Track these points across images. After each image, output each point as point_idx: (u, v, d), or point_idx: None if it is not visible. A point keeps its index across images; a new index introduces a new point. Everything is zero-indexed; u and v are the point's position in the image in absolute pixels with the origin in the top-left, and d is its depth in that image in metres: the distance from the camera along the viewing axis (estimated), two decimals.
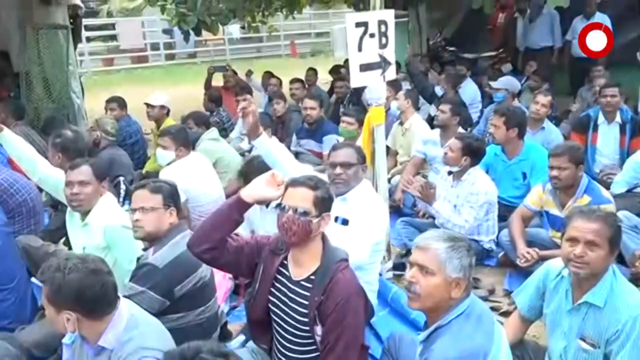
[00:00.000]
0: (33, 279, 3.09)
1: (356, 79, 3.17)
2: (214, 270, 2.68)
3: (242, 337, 2.94)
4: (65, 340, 2.07)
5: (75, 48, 7.13)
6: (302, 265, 2.20)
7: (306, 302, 2.14)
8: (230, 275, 3.41)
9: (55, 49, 6.39)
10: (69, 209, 3.11)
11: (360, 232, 2.75)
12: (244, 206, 2.18)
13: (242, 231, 3.27)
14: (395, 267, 3.61)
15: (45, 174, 3.32)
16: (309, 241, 2.16)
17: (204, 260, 2.34)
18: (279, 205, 2.19)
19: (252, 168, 3.41)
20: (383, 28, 3.14)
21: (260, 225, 3.54)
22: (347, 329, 2.08)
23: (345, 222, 2.35)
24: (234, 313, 3.38)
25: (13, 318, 2.93)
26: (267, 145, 3.01)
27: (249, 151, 5.40)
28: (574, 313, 2.19)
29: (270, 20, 11.00)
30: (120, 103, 5.83)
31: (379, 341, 2.93)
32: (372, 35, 3.14)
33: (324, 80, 8.98)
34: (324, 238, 2.22)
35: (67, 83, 6.52)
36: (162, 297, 2.43)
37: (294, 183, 2.18)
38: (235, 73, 8.20)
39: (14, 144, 3.27)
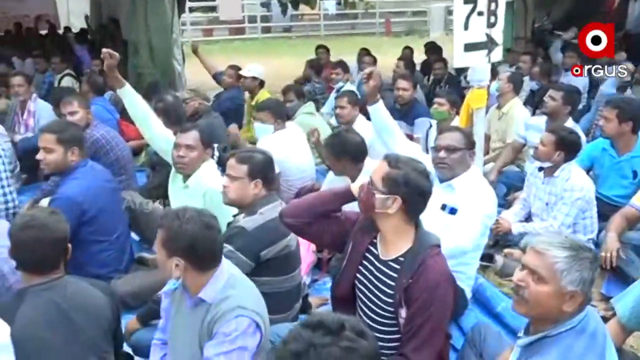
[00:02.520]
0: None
1: (459, 59, 3.04)
2: (300, 241, 2.72)
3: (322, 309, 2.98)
4: (165, 288, 2.19)
5: (179, 17, 7.43)
6: (391, 245, 2.15)
7: (393, 283, 2.10)
8: (314, 249, 3.44)
9: (161, 17, 6.69)
10: (173, 169, 3.26)
11: (466, 220, 2.66)
12: (350, 200, 2.24)
13: None
14: (482, 257, 3.47)
15: (156, 132, 3.44)
16: (383, 217, 2.10)
17: (292, 229, 2.39)
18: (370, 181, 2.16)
19: (338, 141, 3.38)
20: (493, 6, 2.98)
21: None
22: (433, 315, 2.02)
23: (453, 211, 2.26)
24: (315, 286, 3.42)
25: (112, 268, 3.13)
26: (382, 113, 3.08)
27: (337, 128, 5.39)
28: None
29: None
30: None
31: (460, 332, 2.86)
32: (480, 13, 2.99)
33: (417, 60, 8.75)
34: (416, 222, 2.16)
35: (170, 50, 6.82)
36: (248, 259, 2.49)
37: (383, 156, 2.15)
38: (327, 51, 8.17)
39: (133, 99, 3.37)
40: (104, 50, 3.23)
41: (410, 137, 5.11)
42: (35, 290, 2.02)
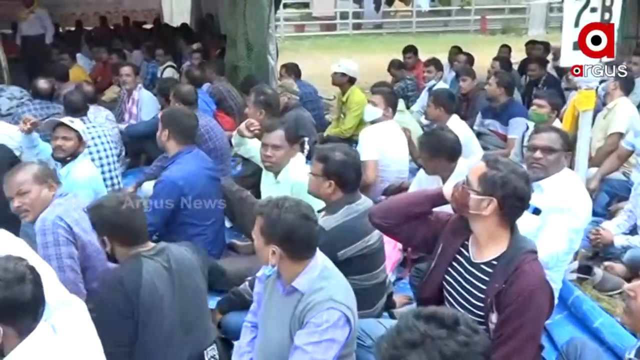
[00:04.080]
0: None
1: (568, 58, 2.88)
2: (385, 240, 2.70)
3: (406, 308, 2.95)
4: (259, 274, 2.26)
5: (275, 12, 7.58)
6: (484, 248, 2.09)
7: (484, 287, 2.04)
8: (400, 247, 3.41)
9: (258, 12, 6.84)
10: None
11: (556, 225, 2.54)
12: (441, 202, 2.21)
13: None
14: (581, 269, 3.29)
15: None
16: (478, 219, 2.03)
17: (381, 229, 2.38)
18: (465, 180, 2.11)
19: (435, 138, 3.32)
20: (608, 2, 2.79)
21: None
22: (527, 324, 1.94)
23: (536, 211, 2.16)
24: (399, 285, 3.39)
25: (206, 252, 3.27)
26: None
27: (428, 127, 5.30)
28: None
29: None
30: (295, 69, 6.10)
31: (552, 345, 2.72)
32: (593, 10, 2.81)
33: (514, 59, 8.40)
34: (512, 225, 2.08)
35: (265, 45, 6.97)
36: None
37: (483, 156, 2.09)
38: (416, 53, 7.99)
39: None
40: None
41: (504, 138, 4.95)
42: (147, 256, 2.23)
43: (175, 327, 2.25)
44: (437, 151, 3.23)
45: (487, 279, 2.04)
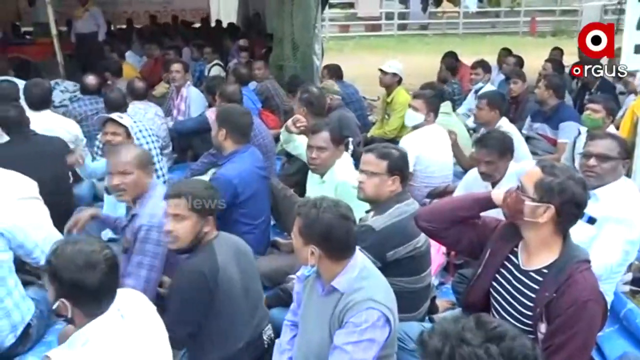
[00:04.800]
0: None
1: (629, 61, 2.77)
2: (430, 242, 2.66)
3: (448, 314, 2.90)
4: (299, 273, 2.26)
5: (322, 12, 7.61)
6: (535, 256, 2.03)
7: (533, 295, 1.99)
8: (444, 251, 3.36)
9: (306, 13, 6.89)
10: None
11: (611, 236, 2.45)
12: (490, 207, 2.18)
13: None
14: (635, 281, 3.16)
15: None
16: (531, 226, 1.97)
17: (427, 233, 2.35)
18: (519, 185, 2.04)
19: (502, 137, 3.28)
20: None
21: None
22: (578, 335, 1.88)
23: (591, 220, 2.09)
24: (442, 289, 3.34)
25: (253, 250, 3.26)
26: None
27: (474, 129, 5.20)
28: None
29: None
30: (337, 71, 6.09)
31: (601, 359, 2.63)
32: None
33: (566, 63, 8.14)
34: (565, 233, 2.01)
35: (311, 45, 7.01)
36: (374, 258, 2.48)
37: (538, 162, 2.03)
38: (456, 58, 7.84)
39: None
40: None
41: (554, 142, 4.81)
42: (217, 241, 2.36)
43: (243, 307, 2.36)
44: (505, 151, 3.19)
45: (536, 287, 1.98)
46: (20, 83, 4.78)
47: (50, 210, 3.10)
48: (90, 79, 5.32)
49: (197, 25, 12.13)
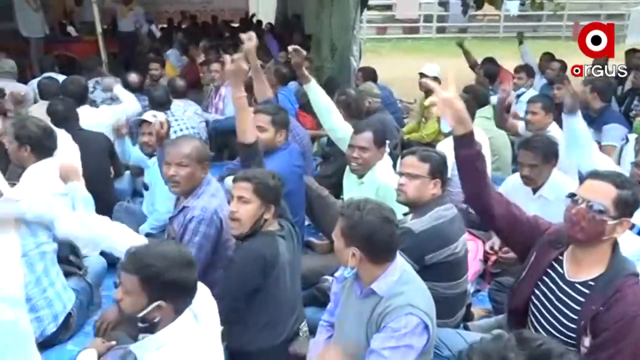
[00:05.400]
0: None
1: None
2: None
3: (484, 321, 2.85)
4: (337, 274, 2.26)
5: (360, 14, 7.58)
6: (582, 267, 1.97)
7: (578, 308, 1.93)
8: (481, 257, 3.31)
9: (345, 15, 6.87)
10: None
11: None
12: None
13: None
14: None
15: (336, 124, 3.60)
16: (597, 243, 1.91)
17: (483, 210, 2.19)
18: (571, 194, 1.98)
19: (549, 142, 3.20)
20: None
21: None
22: (624, 351, 1.82)
23: None
24: (478, 296, 3.29)
25: None
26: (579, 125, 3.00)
27: (515, 135, 5.09)
28: None
29: None
30: (372, 74, 6.05)
31: None
32: None
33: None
34: (614, 244, 1.95)
35: (349, 47, 6.99)
36: (412, 261, 2.46)
37: (594, 175, 1.94)
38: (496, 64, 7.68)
39: (317, 94, 3.55)
40: (291, 47, 3.41)
41: (598, 145, 4.67)
42: (270, 232, 2.44)
43: (288, 302, 2.43)
44: (550, 156, 3.12)
45: (582, 299, 1.93)
46: (61, 80, 4.93)
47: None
48: (133, 77, 5.44)
49: (236, 25, 12.26)
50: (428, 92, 5.60)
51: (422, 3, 17.86)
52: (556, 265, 2.05)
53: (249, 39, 3.24)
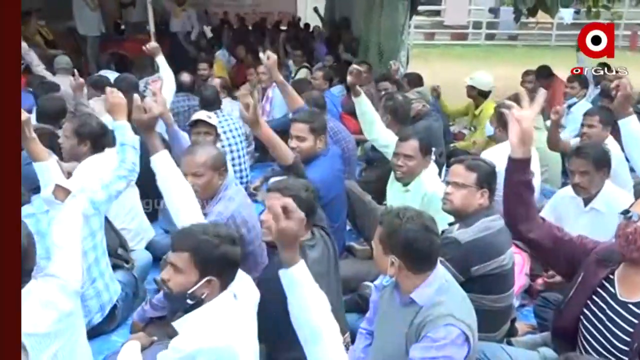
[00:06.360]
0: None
1: None
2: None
3: (528, 337, 2.78)
4: (377, 282, 2.24)
5: (410, 19, 7.54)
6: (635, 286, 1.90)
7: (631, 330, 1.86)
8: (527, 271, 3.23)
9: (394, 20, 6.86)
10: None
11: None
12: None
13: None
14: None
15: (380, 134, 3.60)
16: None
17: (520, 235, 2.20)
18: (625, 211, 1.91)
19: (602, 150, 3.11)
20: None
21: (572, 226, 3.23)
22: None
23: None
24: (523, 311, 3.20)
25: None
26: (634, 127, 2.91)
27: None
28: None
29: (616, 5, 9.73)
30: (416, 80, 5.99)
31: None
32: None
33: None
34: None
35: (397, 52, 6.96)
36: (457, 272, 2.41)
37: None
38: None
39: (366, 107, 3.58)
40: (353, 67, 3.53)
41: None
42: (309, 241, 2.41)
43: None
44: (602, 164, 3.03)
45: (635, 321, 1.86)
46: (112, 77, 5.08)
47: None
48: (185, 77, 5.54)
49: (285, 27, 12.36)
50: (476, 101, 5.51)
51: (471, 9, 17.57)
52: (607, 284, 1.98)
53: (268, 58, 3.28)
